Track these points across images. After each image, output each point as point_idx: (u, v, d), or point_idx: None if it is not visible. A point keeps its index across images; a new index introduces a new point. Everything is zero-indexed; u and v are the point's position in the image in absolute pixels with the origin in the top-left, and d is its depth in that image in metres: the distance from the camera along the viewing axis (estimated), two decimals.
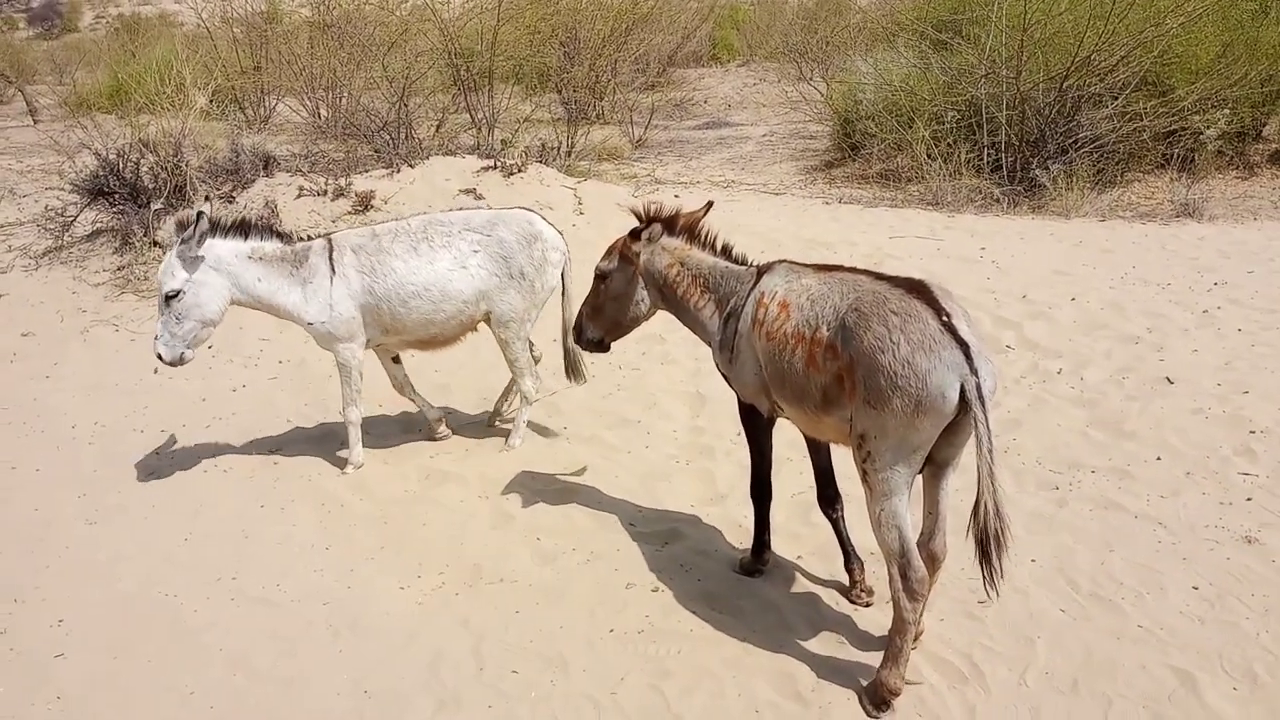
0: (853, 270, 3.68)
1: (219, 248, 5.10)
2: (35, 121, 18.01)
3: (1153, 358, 6.11)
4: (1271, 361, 5.92)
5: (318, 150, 11.86)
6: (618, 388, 6.38)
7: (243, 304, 5.24)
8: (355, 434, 5.50)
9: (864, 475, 3.38)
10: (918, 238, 8.89)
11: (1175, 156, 10.69)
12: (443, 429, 5.80)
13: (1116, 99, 10.40)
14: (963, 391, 3.16)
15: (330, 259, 5.22)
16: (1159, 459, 5.01)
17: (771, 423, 4.09)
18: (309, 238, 5.40)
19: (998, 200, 10.12)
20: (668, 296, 4.23)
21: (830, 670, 3.71)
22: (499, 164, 9.76)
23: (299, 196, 9.25)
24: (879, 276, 3.54)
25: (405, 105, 11.63)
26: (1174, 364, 5.99)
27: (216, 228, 5.12)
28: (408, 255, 5.25)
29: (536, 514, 4.96)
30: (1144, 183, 10.75)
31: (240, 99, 14.89)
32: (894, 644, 3.44)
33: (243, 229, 5.21)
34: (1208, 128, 10.36)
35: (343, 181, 9.43)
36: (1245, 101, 10.63)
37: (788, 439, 5.46)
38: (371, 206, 9.05)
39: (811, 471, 4.16)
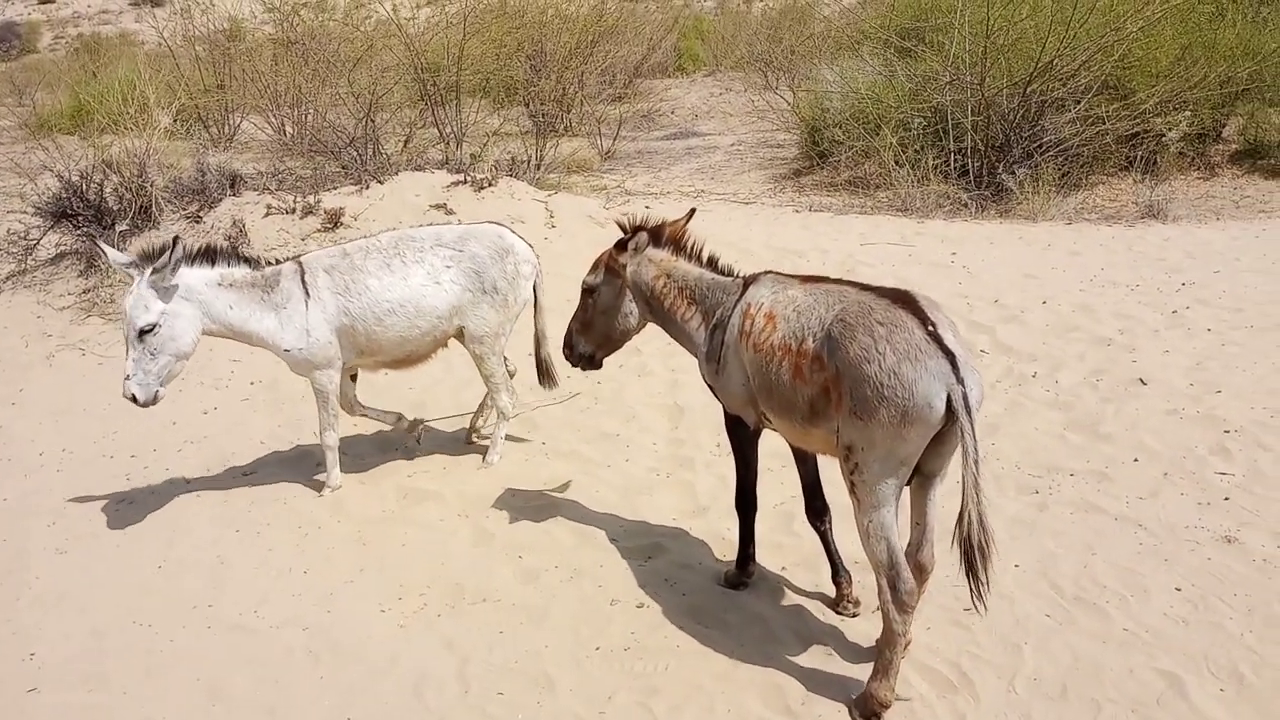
0: (839, 282, 3.68)
1: (189, 276, 4.93)
2: None
3: (1125, 359, 6.16)
4: (1242, 360, 6.00)
5: (285, 168, 11.73)
6: (595, 401, 6.35)
7: (214, 334, 5.10)
8: (333, 457, 5.42)
9: (852, 487, 3.37)
10: (889, 244, 8.94)
11: (1138, 159, 10.82)
12: (406, 422, 5.72)
13: (1079, 103, 10.52)
14: (949, 401, 3.16)
15: (303, 282, 5.12)
16: (1136, 460, 5.05)
17: (758, 434, 4.06)
18: (276, 261, 5.28)
19: (966, 205, 10.19)
20: (655, 309, 4.19)
21: (819, 682, 3.69)
22: (469, 178, 9.71)
23: (267, 215, 9.15)
24: (865, 287, 3.54)
25: (372, 121, 11.56)
26: (1146, 365, 6.05)
27: (185, 254, 4.95)
28: (381, 272, 5.17)
29: (517, 531, 4.91)
30: (1108, 185, 10.88)
31: (204, 118, 14.74)
32: (883, 656, 3.43)
33: (209, 255, 5.04)
34: (1169, 130, 10.51)
35: (311, 199, 9.34)
36: (1205, 103, 10.79)
37: (769, 449, 5.45)
38: (341, 224, 8.97)
39: (796, 481, 4.14)
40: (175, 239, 4.85)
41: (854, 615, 4.06)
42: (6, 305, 8.59)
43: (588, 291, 4.31)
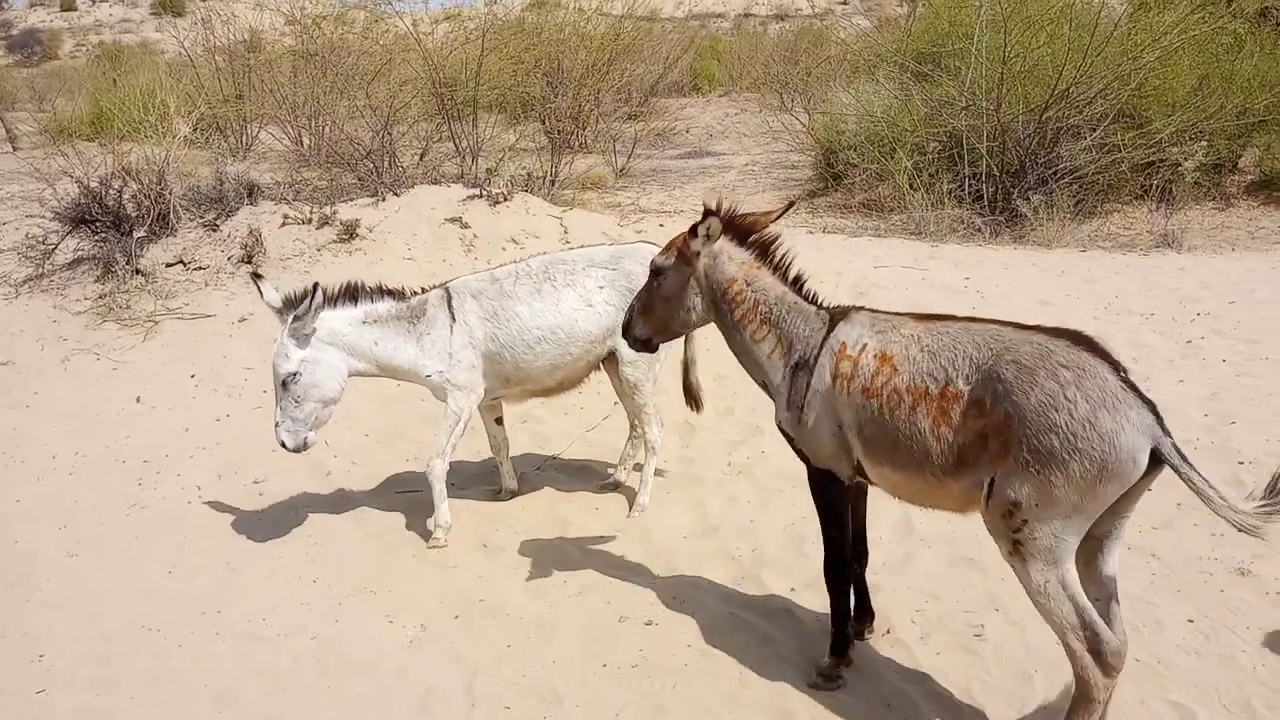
0: (969, 319, 3.37)
1: (331, 319, 4.81)
2: (15, 149, 17.88)
3: (1140, 388, 6.13)
4: (1257, 392, 5.97)
5: (301, 179, 11.83)
6: (605, 419, 6.35)
7: (364, 373, 4.97)
8: (440, 489, 5.03)
9: (1015, 546, 3.04)
10: (903, 267, 8.94)
11: (1153, 188, 10.82)
12: (509, 493, 5.50)
13: (1095, 131, 10.53)
14: (1157, 455, 2.90)
15: (450, 307, 4.97)
16: (1150, 490, 5.01)
17: (850, 491, 3.68)
18: (422, 290, 5.13)
19: (980, 230, 10.20)
20: (721, 313, 3.74)
21: (827, 707, 3.67)
22: (484, 193, 9.75)
23: (284, 225, 9.21)
24: (1019, 326, 3.23)
25: (389, 134, 11.63)
26: (1161, 394, 6.01)
27: (325, 298, 4.81)
28: (531, 298, 4.98)
29: (527, 546, 4.91)
30: (1123, 213, 10.87)
31: (223, 127, 14.85)
32: None
33: (351, 295, 4.92)
34: (1185, 159, 10.49)
35: (327, 210, 9.40)
36: (1221, 134, 10.79)
37: (777, 469, 5.45)
38: (357, 235, 9.02)
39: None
40: (315, 285, 4.73)
41: (870, 634, 4.02)
42: (23, 309, 8.65)
43: (655, 273, 3.86)
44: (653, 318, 3.93)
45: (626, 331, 4.06)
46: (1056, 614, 3.03)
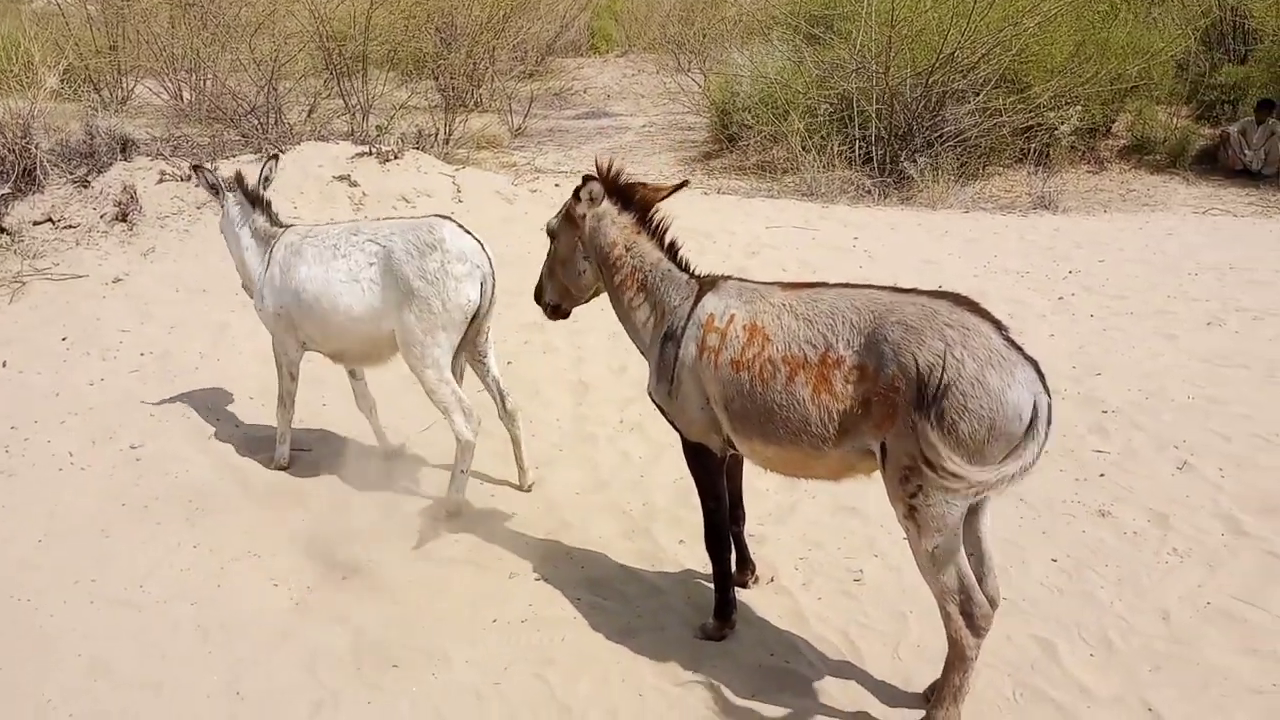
0: (842, 285, 3.37)
1: (236, 206, 5.35)
2: None
3: (1022, 347, 6.37)
4: (1121, 345, 6.28)
5: (180, 134, 11.34)
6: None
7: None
8: (283, 428, 5.27)
9: (910, 510, 3.05)
10: (793, 227, 9.07)
11: (1032, 151, 11.21)
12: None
13: (978, 95, 10.84)
14: (1034, 413, 2.91)
15: (270, 250, 5.10)
16: None
17: (724, 462, 3.70)
18: (289, 226, 5.29)
19: (869, 192, 10.41)
20: (604, 278, 3.78)
21: (710, 652, 3.76)
22: (374, 150, 9.53)
23: (160, 181, 8.85)
24: (894, 290, 3.24)
25: (274, 89, 11.24)
26: (1032, 348, 6.21)
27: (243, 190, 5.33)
28: (313, 261, 4.85)
29: (415, 506, 4.87)
30: (1004, 176, 11.24)
31: (95, 80, 14.11)
32: (951, 682, 3.20)
33: (255, 199, 5.32)
34: (1061, 124, 10.89)
35: (208, 166, 9.02)
36: (1096, 99, 11.23)
37: (667, 425, 5.51)
38: None
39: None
40: (237, 173, 5.46)
41: (754, 583, 4.12)
42: None
43: (550, 235, 3.90)
44: (555, 282, 3.96)
45: (538, 298, 4.06)
46: (940, 579, 3.11)
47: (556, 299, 4.00)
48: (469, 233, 4.78)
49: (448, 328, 4.67)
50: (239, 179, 5.40)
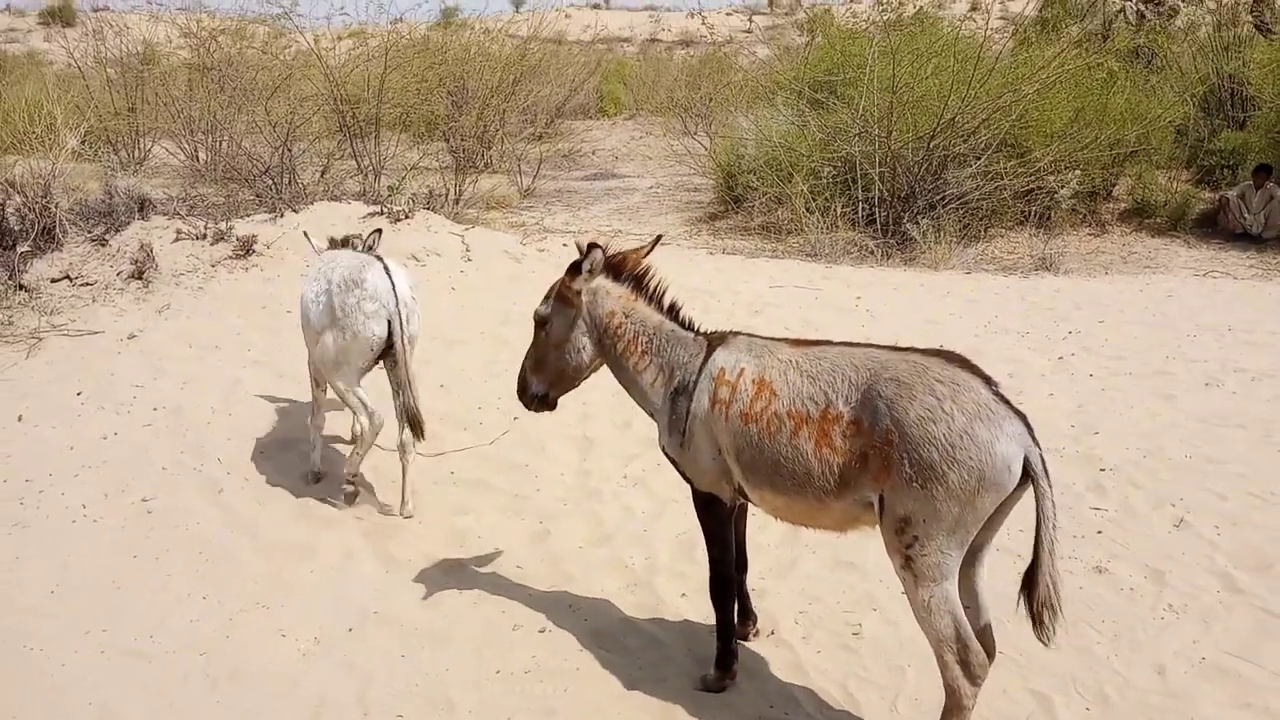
0: (845, 343, 3.49)
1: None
2: None
3: (1012, 401, 6.46)
4: (1120, 404, 6.36)
5: (196, 194, 11.60)
6: (504, 433, 6.41)
7: None
8: (315, 437, 5.80)
9: (907, 561, 3.14)
10: (796, 287, 9.22)
11: (1033, 214, 11.43)
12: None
13: (979, 159, 11.08)
14: (1027, 465, 3.03)
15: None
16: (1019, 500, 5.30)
17: (733, 511, 3.78)
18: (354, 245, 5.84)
19: (872, 252, 10.59)
20: (606, 349, 3.82)
21: (712, 704, 3.80)
22: (385, 210, 9.74)
23: (177, 240, 9.05)
24: (894, 348, 3.35)
25: (289, 150, 11.52)
26: (1031, 407, 6.30)
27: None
28: (310, 280, 5.52)
29: (422, 556, 4.94)
30: (1006, 238, 11.43)
31: (114, 141, 14.46)
32: None
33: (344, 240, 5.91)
34: (1062, 187, 11.12)
35: (223, 225, 9.26)
36: (1096, 163, 11.46)
37: (673, 479, 5.58)
38: (254, 251, 8.91)
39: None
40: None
41: (755, 635, 4.17)
42: None
43: (539, 323, 3.90)
44: (546, 369, 3.97)
45: (522, 393, 4.08)
46: (936, 628, 3.18)
47: (545, 388, 4.03)
48: (389, 276, 5.33)
49: (355, 353, 5.32)
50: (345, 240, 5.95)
